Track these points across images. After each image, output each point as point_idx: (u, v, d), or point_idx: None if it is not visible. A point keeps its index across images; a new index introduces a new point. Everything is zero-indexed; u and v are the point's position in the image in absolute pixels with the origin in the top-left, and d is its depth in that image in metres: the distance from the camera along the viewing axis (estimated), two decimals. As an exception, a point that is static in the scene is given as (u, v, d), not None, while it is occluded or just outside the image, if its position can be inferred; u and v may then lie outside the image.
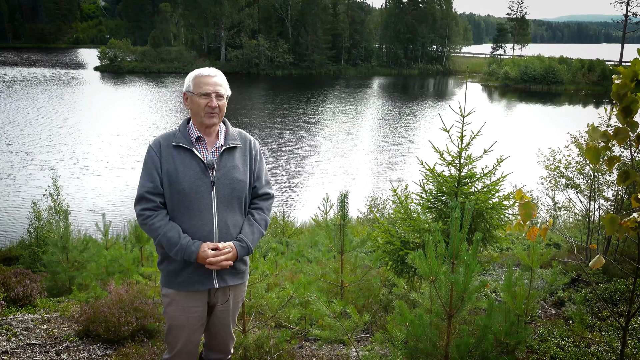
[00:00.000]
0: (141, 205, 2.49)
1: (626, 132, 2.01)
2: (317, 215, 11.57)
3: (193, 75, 2.58)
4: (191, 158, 2.51)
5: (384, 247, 5.49)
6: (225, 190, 2.53)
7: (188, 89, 2.58)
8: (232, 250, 2.52)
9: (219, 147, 2.58)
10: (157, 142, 2.55)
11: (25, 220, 12.10)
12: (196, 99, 2.52)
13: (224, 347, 2.86)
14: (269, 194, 2.76)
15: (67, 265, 6.66)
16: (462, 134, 5.00)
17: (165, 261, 2.57)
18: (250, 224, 2.65)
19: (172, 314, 2.61)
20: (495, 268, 7.09)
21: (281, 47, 63.88)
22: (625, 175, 2.00)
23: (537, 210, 2.24)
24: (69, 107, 34.41)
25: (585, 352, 3.67)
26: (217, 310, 2.69)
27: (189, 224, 2.50)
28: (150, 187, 2.48)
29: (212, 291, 2.63)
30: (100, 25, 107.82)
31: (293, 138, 27.22)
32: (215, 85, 2.55)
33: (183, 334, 2.62)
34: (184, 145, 2.51)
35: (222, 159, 2.56)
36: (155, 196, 2.49)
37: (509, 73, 54.72)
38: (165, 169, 2.49)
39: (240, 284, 2.73)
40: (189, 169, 2.49)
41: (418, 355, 2.81)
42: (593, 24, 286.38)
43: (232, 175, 2.56)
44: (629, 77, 1.98)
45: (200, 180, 2.49)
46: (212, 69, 2.61)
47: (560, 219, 10.21)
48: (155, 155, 2.51)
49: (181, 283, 2.54)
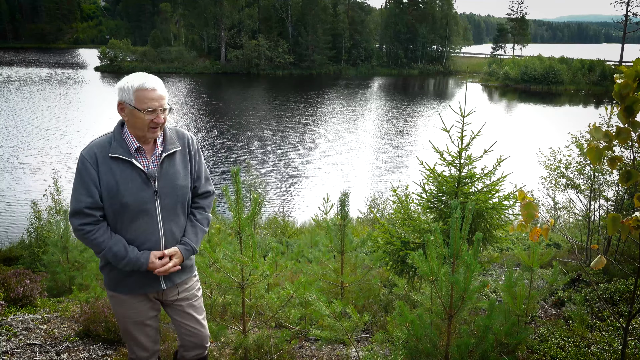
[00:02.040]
0: (79, 220, 2.35)
1: (628, 132, 2.00)
2: (318, 215, 11.58)
3: (133, 87, 2.34)
4: (131, 169, 2.38)
5: (384, 247, 5.49)
6: (169, 198, 2.48)
7: (128, 101, 2.35)
8: (178, 255, 2.52)
9: (159, 154, 2.47)
10: (91, 153, 2.37)
11: (25, 220, 12.10)
12: (139, 115, 2.33)
13: (198, 339, 2.78)
14: (209, 192, 2.73)
15: (67, 265, 6.67)
16: (462, 134, 5.00)
17: (108, 266, 2.51)
18: (193, 225, 2.63)
19: (123, 314, 2.59)
20: (495, 268, 7.09)
21: (281, 47, 63.89)
22: (627, 175, 2.00)
23: (539, 210, 2.24)
24: (69, 107, 34.43)
25: (585, 352, 3.67)
26: (173, 304, 2.68)
27: (134, 235, 2.43)
28: (89, 202, 2.34)
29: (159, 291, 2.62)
30: (100, 26, 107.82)
31: (293, 138, 27.22)
32: (160, 100, 2.36)
33: (139, 332, 2.63)
34: (122, 157, 2.37)
35: (163, 166, 2.46)
36: (95, 210, 2.36)
37: (509, 73, 54.71)
38: (104, 182, 2.35)
39: (187, 278, 2.72)
40: (130, 182, 2.37)
41: (418, 355, 2.81)
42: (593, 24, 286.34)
43: (175, 182, 2.49)
44: (631, 77, 1.97)
45: (144, 191, 2.40)
46: (153, 80, 2.38)
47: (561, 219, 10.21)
48: (92, 168, 2.34)
49: (128, 287, 2.52)
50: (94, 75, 55.91)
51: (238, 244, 3.42)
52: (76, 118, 30.69)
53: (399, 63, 70.84)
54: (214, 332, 3.50)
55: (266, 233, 11.46)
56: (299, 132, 28.93)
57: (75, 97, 39.49)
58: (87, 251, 7.04)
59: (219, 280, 3.32)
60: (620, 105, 2.00)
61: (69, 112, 32.46)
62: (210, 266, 3.36)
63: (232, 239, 5.06)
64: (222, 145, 25.13)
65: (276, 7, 67.49)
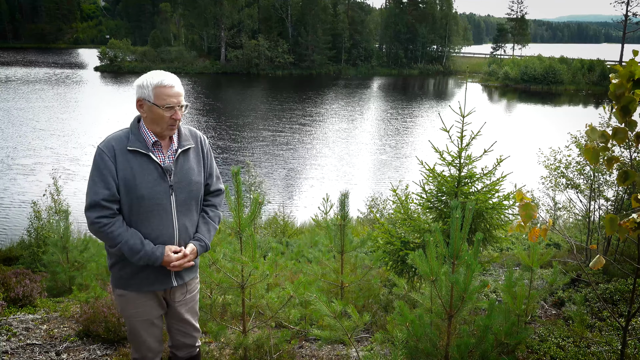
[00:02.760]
0: (96, 213, 2.36)
1: (625, 132, 2.01)
2: (317, 215, 11.58)
3: (152, 84, 2.39)
4: (148, 163, 2.42)
5: (384, 247, 5.49)
6: (183, 193, 2.52)
7: (147, 98, 2.40)
8: (194, 251, 2.56)
9: (175, 150, 2.52)
10: (109, 146, 2.40)
11: (25, 220, 12.10)
12: (158, 111, 2.39)
13: (190, 339, 2.84)
14: (220, 190, 2.78)
15: (67, 265, 6.66)
16: (462, 134, 5.00)
17: (119, 264, 2.52)
18: (206, 222, 2.67)
19: (131, 313, 2.60)
20: (495, 268, 7.09)
21: (281, 47, 63.88)
22: (625, 175, 2.00)
23: (537, 211, 2.24)
24: (70, 107, 34.40)
25: (585, 352, 3.67)
26: (176, 305, 2.70)
27: (149, 229, 2.46)
28: (107, 194, 2.35)
29: (168, 289, 2.64)
30: (100, 26, 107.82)
31: (292, 138, 27.22)
32: (178, 97, 2.42)
33: (146, 331, 2.64)
34: (140, 150, 2.41)
35: (179, 162, 2.51)
36: (112, 203, 2.38)
37: (509, 73, 54.72)
38: (122, 175, 2.38)
39: (194, 277, 2.76)
40: (147, 175, 2.41)
41: (418, 355, 2.81)
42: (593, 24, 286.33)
43: (190, 178, 2.54)
44: (625, 77, 1.98)
45: (160, 185, 2.44)
46: (171, 77, 2.44)
47: (561, 219, 10.21)
48: (109, 161, 2.37)
49: (139, 284, 2.53)
50: (94, 75, 55.92)
51: (238, 244, 3.42)
52: (72, 118, 30.68)
53: (398, 63, 70.84)
54: (214, 332, 3.50)
55: (266, 233, 11.46)
56: (299, 132, 28.92)
57: (73, 97, 39.48)
58: (87, 251, 7.04)
59: (219, 280, 3.32)
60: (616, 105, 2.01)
61: (66, 112, 32.44)
62: (210, 266, 3.36)
63: (232, 239, 5.05)
64: (222, 145, 25.12)
65: (276, 7, 67.48)
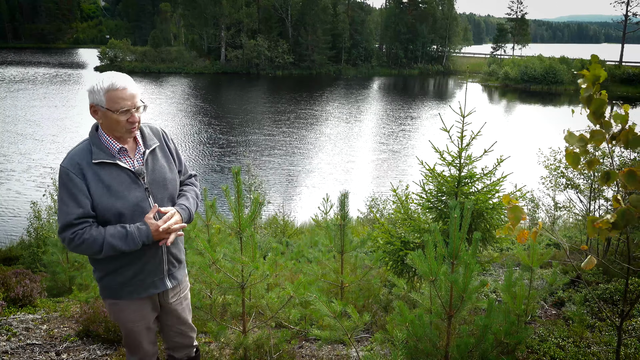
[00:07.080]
0: (70, 231, 2.23)
1: (602, 134, 2.01)
2: (317, 215, 11.58)
3: (103, 88, 2.23)
4: (119, 171, 2.32)
5: (384, 247, 5.50)
6: (160, 192, 2.46)
7: (99, 104, 2.24)
8: (176, 213, 2.44)
9: (142, 152, 2.43)
10: (73, 163, 2.26)
11: (25, 221, 12.10)
12: (113, 116, 2.25)
13: (188, 340, 2.81)
14: (191, 175, 2.75)
15: (67, 265, 6.67)
16: (462, 134, 5.00)
17: (109, 275, 2.42)
18: (182, 194, 2.61)
19: (126, 320, 2.54)
20: (495, 268, 7.09)
21: (281, 47, 63.87)
22: (606, 176, 2.00)
23: (525, 213, 2.26)
24: (70, 107, 34.41)
25: (585, 352, 3.67)
26: (171, 306, 2.66)
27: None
28: (80, 212, 2.23)
29: (164, 291, 2.60)
30: (100, 26, 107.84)
31: (292, 138, 27.22)
32: (132, 99, 2.27)
33: (142, 336, 2.61)
34: (106, 161, 2.29)
35: (149, 163, 2.43)
36: (85, 219, 2.27)
37: (509, 73, 54.72)
38: (94, 190, 2.26)
39: (184, 275, 2.73)
40: (120, 184, 2.31)
41: (418, 355, 2.81)
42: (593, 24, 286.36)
43: (163, 176, 2.48)
44: (591, 81, 1.99)
45: (136, 191, 2.35)
46: (123, 78, 2.27)
47: (561, 219, 10.21)
48: (77, 178, 2.24)
49: (132, 292, 2.46)
50: (94, 76, 55.89)
51: (238, 244, 3.42)
52: (72, 118, 30.71)
53: (399, 63, 70.84)
54: (214, 332, 3.50)
55: (266, 233, 11.46)
56: (299, 132, 28.92)
57: (74, 97, 39.50)
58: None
59: (219, 280, 3.32)
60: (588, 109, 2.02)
61: (66, 112, 32.45)
62: (210, 266, 3.36)
63: (232, 239, 5.05)
64: (222, 145, 25.13)
65: (276, 7, 67.45)
